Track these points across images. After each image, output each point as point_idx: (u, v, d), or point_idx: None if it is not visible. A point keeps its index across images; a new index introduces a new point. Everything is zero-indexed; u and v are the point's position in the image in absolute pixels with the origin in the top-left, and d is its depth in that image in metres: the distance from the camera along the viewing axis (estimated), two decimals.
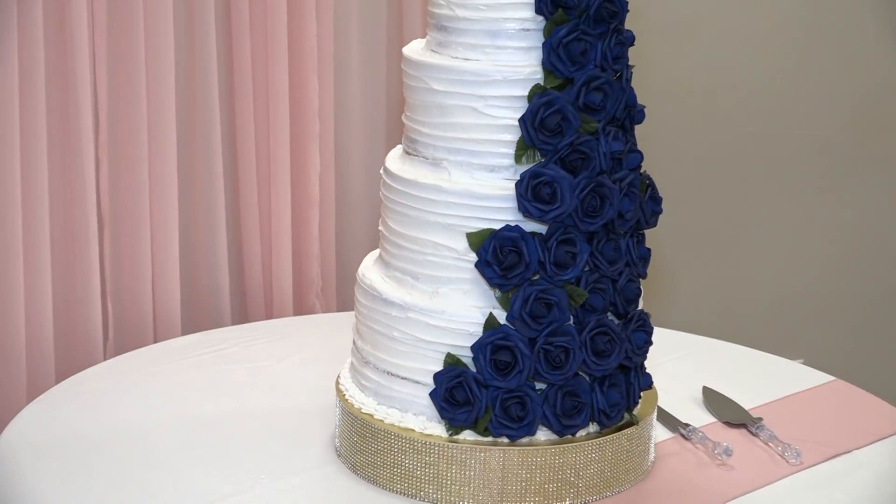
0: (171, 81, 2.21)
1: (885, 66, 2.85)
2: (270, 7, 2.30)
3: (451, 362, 1.54)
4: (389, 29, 2.49)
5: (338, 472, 1.64)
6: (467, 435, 1.55)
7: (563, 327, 1.52)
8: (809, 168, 2.89)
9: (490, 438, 1.55)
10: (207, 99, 2.27)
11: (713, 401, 1.86)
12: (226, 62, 2.32)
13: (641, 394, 1.64)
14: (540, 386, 1.54)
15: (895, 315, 2.99)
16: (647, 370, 1.65)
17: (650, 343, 1.63)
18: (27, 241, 2.09)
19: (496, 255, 1.51)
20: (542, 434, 1.56)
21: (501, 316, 1.53)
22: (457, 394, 1.53)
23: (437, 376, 1.54)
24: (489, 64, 1.55)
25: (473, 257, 1.53)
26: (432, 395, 1.55)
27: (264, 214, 2.39)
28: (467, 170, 1.56)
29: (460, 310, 1.55)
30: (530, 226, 1.53)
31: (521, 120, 1.52)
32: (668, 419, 1.79)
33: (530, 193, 1.50)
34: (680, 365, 1.96)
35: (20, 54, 2.02)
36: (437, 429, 1.56)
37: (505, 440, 1.55)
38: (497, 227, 1.52)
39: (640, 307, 1.62)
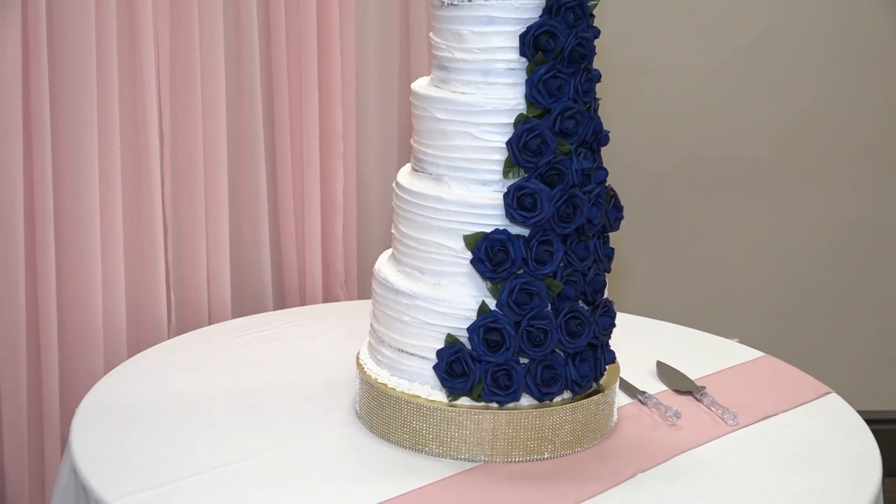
0: (222, 112, 2.20)
1: (807, 98, 2.85)
2: (304, 53, 2.30)
3: (451, 341, 1.53)
4: (400, 68, 2.48)
5: (358, 431, 1.63)
6: (464, 401, 1.55)
7: (543, 312, 1.51)
8: (744, 183, 2.89)
9: (482, 403, 1.54)
10: (253, 127, 2.27)
11: (665, 372, 1.85)
12: (268, 98, 2.31)
13: (606, 367, 1.63)
14: (523, 360, 1.53)
15: (814, 303, 2.98)
16: (611, 347, 1.64)
17: (614, 325, 1.62)
18: (104, 243, 2.09)
19: (487, 253, 1.50)
20: (525, 400, 1.55)
21: (492, 303, 1.52)
22: (455, 367, 1.52)
23: (439, 352, 1.54)
24: (482, 97, 1.54)
25: (469, 255, 1.53)
26: (435, 368, 1.54)
27: (298, 220, 2.38)
28: (464, 184, 1.56)
29: (458, 298, 1.54)
30: (515, 229, 1.52)
31: (508, 143, 1.51)
32: (628, 388, 1.78)
33: (515, 203, 1.50)
34: (638, 343, 1.95)
35: (99, 101, 2.04)
36: (439, 396, 1.56)
37: (495, 405, 1.54)
38: (488, 230, 1.52)
39: (605, 296, 1.62)
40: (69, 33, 1.99)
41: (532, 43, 1.51)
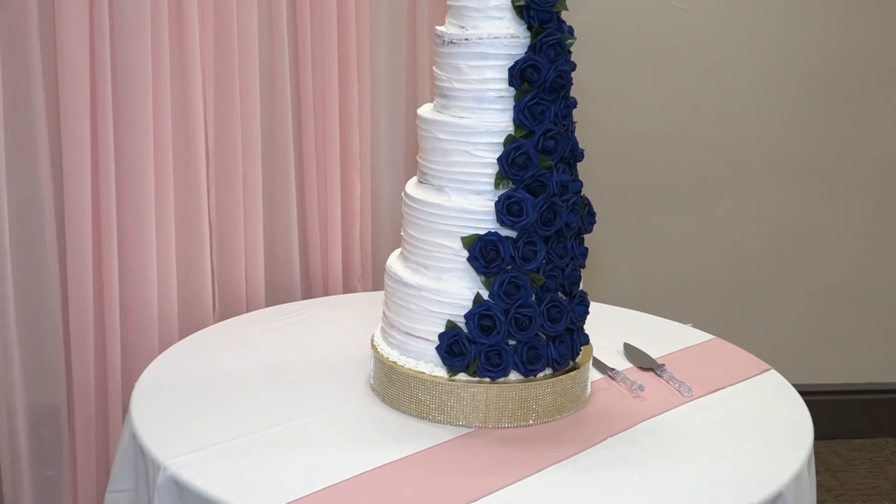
0: (258, 132, 2.20)
1: (748, 121, 2.86)
2: (327, 83, 2.29)
3: (450, 326, 1.53)
4: (408, 97, 2.48)
5: (372, 402, 1.63)
6: (462, 376, 1.54)
7: (528, 302, 1.51)
8: (697, 192, 2.89)
9: (477, 378, 1.54)
10: (284, 145, 2.27)
11: (631, 352, 1.85)
12: (297, 121, 2.31)
13: (581, 347, 1.63)
14: (511, 342, 1.53)
15: (755, 293, 2.99)
16: (586, 331, 1.64)
17: (588, 313, 1.62)
18: (159, 242, 2.09)
19: (481, 252, 1.50)
20: (513, 375, 1.55)
21: (485, 294, 1.52)
22: (454, 348, 1.52)
23: (440, 336, 1.53)
24: (477, 120, 1.53)
25: (465, 254, 1.52)
26: (437, 348, 1.54)
27: (322, 223, 2.38)
28: (462, 193, 1.55)
29: (457, 290, 1.54)
30: (505, 232, 1.52)
31: (499, 159, 1.51)
32: (599, 365, 1.78)
33: (505, 210, 1.49)
34: (608, 328, 1.95)
35: (154, 121, 2.04)
36: (441, 372, 1.55)
37: (487, 380, 1.54)
38: (482, 232, 1.51)
39: (580, 288, 1.61)
40: (129, 63, 1.99)
41: (519, 75, 1.50)
